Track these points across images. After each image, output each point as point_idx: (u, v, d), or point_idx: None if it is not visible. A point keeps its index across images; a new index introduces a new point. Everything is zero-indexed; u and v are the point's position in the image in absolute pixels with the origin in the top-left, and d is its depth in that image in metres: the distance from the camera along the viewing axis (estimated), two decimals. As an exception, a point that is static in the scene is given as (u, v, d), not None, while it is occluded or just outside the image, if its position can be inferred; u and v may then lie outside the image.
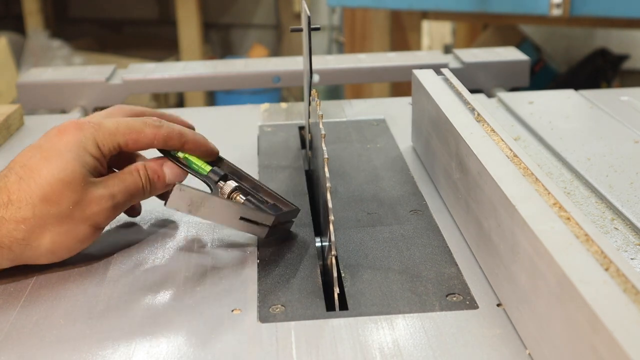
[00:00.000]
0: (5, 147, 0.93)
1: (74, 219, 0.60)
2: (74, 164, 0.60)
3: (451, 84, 0.78)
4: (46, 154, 0.60)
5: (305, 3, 0.74)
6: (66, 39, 3.05)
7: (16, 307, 0.58)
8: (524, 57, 1.17)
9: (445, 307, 0.56)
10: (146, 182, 0.65)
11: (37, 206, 0.58)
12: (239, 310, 0.56)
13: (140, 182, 0.64)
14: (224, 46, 3.47)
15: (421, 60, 1.16)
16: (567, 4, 1.54)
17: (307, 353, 0.51)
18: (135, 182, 0.64)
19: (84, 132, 0.62)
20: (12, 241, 0.58)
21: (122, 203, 0.63)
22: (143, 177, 0.65)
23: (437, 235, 0.67)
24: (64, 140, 0.61)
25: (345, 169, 0.82)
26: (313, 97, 0.69)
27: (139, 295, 0.59)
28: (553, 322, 0.46)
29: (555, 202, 0.52)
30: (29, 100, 1.12)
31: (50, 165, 0.59)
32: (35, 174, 0.59)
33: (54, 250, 0.60)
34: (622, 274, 0.44)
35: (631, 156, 0.82)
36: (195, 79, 1.14)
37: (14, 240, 0.58)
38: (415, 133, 0.87)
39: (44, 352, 0.52)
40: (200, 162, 0.67)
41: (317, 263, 0.63)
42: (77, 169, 0.60)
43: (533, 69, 2.24)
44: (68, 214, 0.59)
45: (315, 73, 1.13)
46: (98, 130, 0.63)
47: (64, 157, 0.60)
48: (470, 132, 0.65)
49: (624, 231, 0.66)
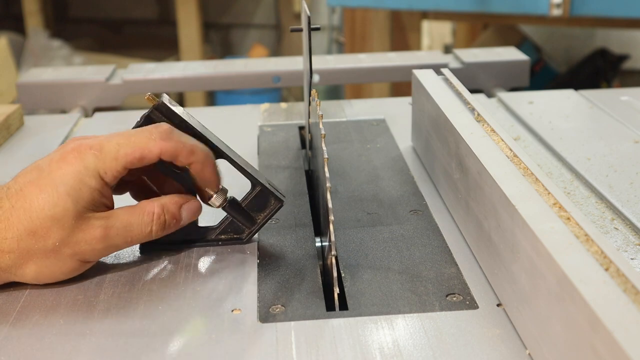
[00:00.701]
0: (5, 147, 0.93)
1: (60, 254, 0.58)
2: (67, 200, 0.57)
3: (451, 84, 0.78)
4: (42, 183, 0.58)
5: (305, 3, 0.74)
6: (66, 39, 3.05)
7: (16, 307, 0.58)
8: (524, 57, 1.17)
9: (445, 307, 0.56)
10: (157, 228, 0.61)
11: (23, 239, 0.57)
12: (239, 310, 0.56)
13: (148, 228, 0.61)
14: (224, 46, 3.47)
15: (421, 60, 1.16)
16: (567, 4, 1.54)
17: (307, 353, 0.51)
18: (141, 226, 0.61)
19: (84, 162, 0.58)
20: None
21: (118, 245, 0.60)
22: (155, 222, 0.61)
23: (437, 235, 0.67)
24: (62, 171, 0.58)
25: (345, 169, 0.82)
26: (313, 97, 0.69)
27: (139, 295, 0.59)
28: (553, 322, 0.46)
29: (555, 202, 0.52)
30: (29, 100, 1.12)
31: (42, 198, 0.57)
32: (27, 204, 0.57)
33: (38, 279, 0.59)
34: (622, 274, 0.44)
35: (631, 156, 0.82)
36: (195, 79, 1.14)
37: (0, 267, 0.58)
38: (415, 133, 0.87)
39: (44, 352, 0.52)
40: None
41: (317, 263, 0.63)
42: (69, 205, 0.57)
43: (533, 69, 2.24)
44: (54, 249, 0.58)
45: (315, 73, 1.13)
46: (99, 157, 0.59)
47: (57, 190, 0.57)
48: (470, 132, 0.65)
49: (624, 231, 0.66)
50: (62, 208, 0.57)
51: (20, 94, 1.12)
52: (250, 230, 0.65)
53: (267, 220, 0.65)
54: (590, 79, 2.35)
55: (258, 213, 0.65)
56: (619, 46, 2.60)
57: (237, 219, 0.65)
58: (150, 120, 0.62)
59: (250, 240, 0.66)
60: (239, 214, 0.65)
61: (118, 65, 1.21)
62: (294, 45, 3.23)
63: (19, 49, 2.96)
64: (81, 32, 3.38)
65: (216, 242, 0.65)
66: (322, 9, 3.23)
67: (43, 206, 0.57)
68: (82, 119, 1.05)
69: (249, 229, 0.65)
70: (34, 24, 3.04)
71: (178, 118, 0.62)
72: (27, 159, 0.88)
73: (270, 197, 0.65)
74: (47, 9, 3.21)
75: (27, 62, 2.89)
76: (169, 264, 0.63)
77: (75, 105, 1.12)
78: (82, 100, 1.12)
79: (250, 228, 0.65)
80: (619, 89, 1.28)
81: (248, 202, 0.65)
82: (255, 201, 0.65)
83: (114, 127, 1.00)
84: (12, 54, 2.80)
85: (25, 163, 0.63)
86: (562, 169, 0.81)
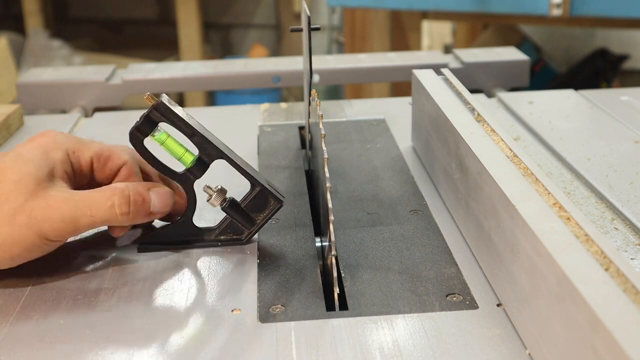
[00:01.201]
0: (5, 147, 0.93)
1: (16, 222, 0.56)
2: (29, 165, 0.58)
3: (451, 84, 0.78)
4: (7, 158, 0.59)
5: (305, 3, 0.74)
6: (66, 39, 3.05)
7: (16, 307, 0.58)
8: (524, 57, 1.17)
9: (445, 307, 0.56)
10: (121, 205, 0.59)
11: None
12: (239, 310, 0.56)
13: (110, 201, 0.58)
14: (224, 46, 3.47)
15: (421, 60, 1.16)
16: (567, 4, 1.54)
17: (307, 353, 0.51)
18: (103, 199, 0.58)
19: (54, 138, 0.61)
20: None
21: (77, 219, 0.58)
22: (119, 195, 0.59)
23: (437, 235, 0.67)
24: (29, 145, 0.60)
25: (345, 169, 0.82)
26: (313, 97, 0.69)
27: (139, 295, 0.59)
28: (553, 322, 0.46)
29: (555, 202, 0.52)
30: (29, 100, 1.12)
31: (6, 167, 0.58)
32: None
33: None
34: (622, 274, 0.44)
35: (631, 156, 0.82)
36: (195, 79, 1.14)
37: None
38: (415, 133, 0.87)
39: (44, 352, 0.52)
40: (180, 151, 0.63)
41: (317, 263, 0.63)
42: (31, 170, 0.58)
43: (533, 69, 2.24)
44: (9, 216, 0.56)
45: (315, 73, 1.14)
46: (71, 138, 0.62)
47: (21, 159, 0.58)
48: (470, 132, 0.65)
49: (624, 231, 0.66)
50: (24, 173, 0.57)
51: (20, 94, 1.12)
52: (250, 231, 0.65)
53: (266, 220, 0.65)
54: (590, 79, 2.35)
55: (257, 214, 0.65)
56: (619, 46, 2.60)
57: (236, 219, 0.65)
58: (149, 120, 0.62)
59: (249, 241, 0.66)
60: (238, 215, 0.65)
61: (118, 65, 1.21)
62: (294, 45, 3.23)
63: (19, 49, 2.96)
64: (81, 32, 3.38)
65: (215, 242, 0.65)
66: (322, 9, 3.23)
67: (6, 172, 0.57)
68: (82, 119, 1.05)
69: (249, 229, 0.65)
70: (34, 24, 3.04)
71: (177, 117, 0.62)
72: (27, 159, 0.88)
73: (269, 198, 0.65)
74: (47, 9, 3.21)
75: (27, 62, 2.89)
76: (169, 264, 0.63)
77: (75, 105, 1.12)
78: (82, 100, 1.12)
79: (249, 229, 0.65)
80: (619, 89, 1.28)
81: (247, 203, 0.65)
82: (255, 202, 0.65)
83: (114, 127, 1.00)
84: (12, 54, 2.80)
85: (25, 163, 0.63)
86: (562, 169, 0.81)
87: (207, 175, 0.64)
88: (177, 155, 0.63)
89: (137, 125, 0.62)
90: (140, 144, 0.62)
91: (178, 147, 0.63)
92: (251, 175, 0.64)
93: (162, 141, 0.62)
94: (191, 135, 0.62)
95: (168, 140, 0.63)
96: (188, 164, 0.63)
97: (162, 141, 0.62)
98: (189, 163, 0.63)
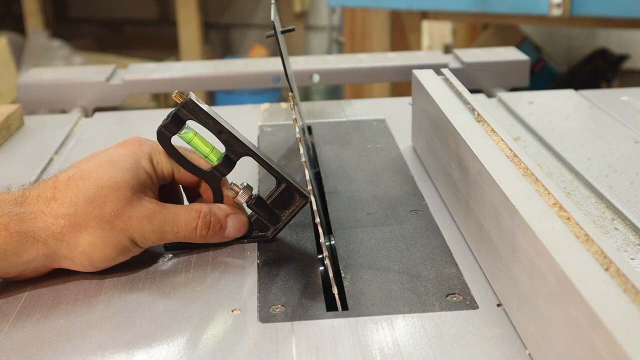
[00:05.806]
0: (5, 147, 0.93)
1: (114, 226, 0.59)
2: (125, 173, 0.60)
3: (451, 84, 0.78)
4: (100, 161, 0.61)
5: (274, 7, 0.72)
6: (66, 39, 3.05)
7: (16, 306, 0.58)
8: (524, 57, 1.17)
9: (445, 307, 0.56)
10: (202, 229, 0.63)
11: (80, 205, 0.58)
12: (239, 310, 0.56)
13: (194, 223, 0.62)
14: (224, 46, 3.47)
15: (421, 60, 1.16)
16: (567, 4, 1.54)
17: (307, 353, 0.51)
18: (188, 220, 0.62)
19: (141, 147, 0.62)
20: (48, 235, 0.58)
21: (164, 231, 0.61)
22: (201, 219, 0.63)
23: (437, 235, 0.67)
24: (120, 152, 0.62)
25: (345, 169, 0.82)
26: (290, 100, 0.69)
27: (139, 295, 0.59)
28: (553, 322, 0.46)
29: (555, 202, 0.52)
30: (29, 100, 1.12)
31: (101, 171, 0.60)
32: (86, 176, 0.60)
33: (89, 253, 0.59)
34: (622, 274, 0.44)
35: (631, 156, 0.82)
36: (195, 79, 1.14)
37: (50, 233, 0.58)
38: (415, 133, 0.87)
39: (44, 352, 0.52)
40: (207, 148, 0.64)
41: (317, 263, 0.63)
42: (127, 179, 0.60)
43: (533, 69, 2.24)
44: (108, 220, 0.59)
45: (315, 73, 1.14)
46: (155, 147, 0.63)
47: (116, 165, 0.60)
48: (470, 132, 0.65)
49: (624, 231, 0.66)
50: (120, 179, 0.60)
51: (20, 94, 1.12)
52: (275, 228, 0.65)
53: (292, 217, 0.65)
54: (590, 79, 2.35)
55: (283, 210, 0.65)
56: (619, 46, 2.60)
57: (262, 216, 0.65)
58: (177, 118, 0.62)
59: (275, 238, 0.66)
60: (264, 212, 0.65)
61: (118, 65, 1.21)
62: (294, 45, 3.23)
63: (19, 49, 2.96)
64: (81, 32, 3.38)
65: (242, 240, 0.65)
66: (322, 9, 3.23)
67: (102, 176, 0.60)
68: (82, 119, 1.05)
69: (274, 226, 0.65)
70: (34, 24, 3.04)
71: (205, 115, 0.62)
72: (27, 159, 0.88)
73: (295, 194, 0.65)
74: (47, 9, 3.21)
75: (27, 62, 2.89)
76: (169, 264, 0.63)
77: (75, 105, 1.12)
78: (82, 100, 1.12)
79: (275, 225, 0.65)
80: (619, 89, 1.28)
81: (273, 200, 0.65)
82: (280, 198, 0.65)
83: (114, 127, 1.00)
84: (12, 54, 2.80)
85: (25, 163, 0.63)
86: (562, 169, 0.81)
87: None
88: (205, 153, 0.64)
89: (164, 123, 0.62)
90: (167, 142, 0.63)
91: (205, 145, 0.64)
92: (277, 171, 0.64)
93: (189, 139, 0.63)
94: (218, 133, 0.63)
95: (195, 138, 0.63)
96: (215, 162, 0.63)
97: (190, 139, 0.63)
98: (216, 160, 0.63)
